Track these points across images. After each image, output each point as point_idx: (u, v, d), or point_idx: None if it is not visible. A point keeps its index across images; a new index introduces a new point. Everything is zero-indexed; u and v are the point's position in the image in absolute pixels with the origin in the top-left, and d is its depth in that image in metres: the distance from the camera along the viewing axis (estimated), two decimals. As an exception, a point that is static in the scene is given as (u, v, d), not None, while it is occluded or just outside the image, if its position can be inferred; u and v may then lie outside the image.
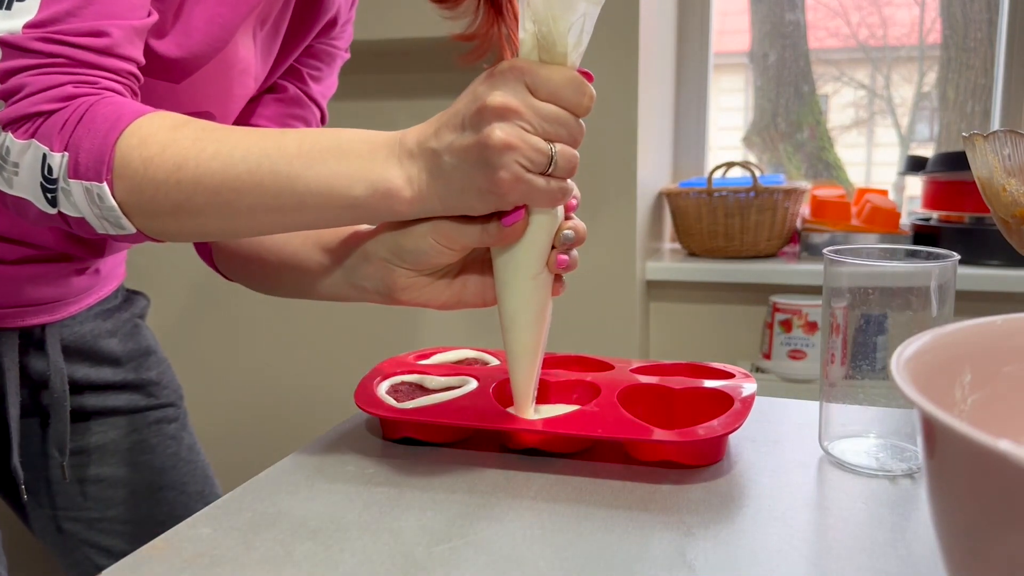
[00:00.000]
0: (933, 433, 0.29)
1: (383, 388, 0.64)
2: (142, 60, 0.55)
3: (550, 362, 0.70)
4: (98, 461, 0.82)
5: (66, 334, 0.77)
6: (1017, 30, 1.60)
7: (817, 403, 0.60)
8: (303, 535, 0.48)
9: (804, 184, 1.59)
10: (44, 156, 0.50)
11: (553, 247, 0.55)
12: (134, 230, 0.52)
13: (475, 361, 0.72)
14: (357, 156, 0.51)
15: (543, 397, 0.65)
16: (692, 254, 1.60)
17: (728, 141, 1.88)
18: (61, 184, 0.50)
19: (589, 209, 1.42)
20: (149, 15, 0.56)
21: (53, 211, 0.51)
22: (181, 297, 1.69)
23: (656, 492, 0.53)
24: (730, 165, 1.57)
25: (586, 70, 0.51)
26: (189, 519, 0.50)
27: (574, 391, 0.64)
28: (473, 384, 0.63)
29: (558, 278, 0.57)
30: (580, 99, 0.50)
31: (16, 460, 0.74)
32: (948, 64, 1.73)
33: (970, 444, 0.26)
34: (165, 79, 0.61)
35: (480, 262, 0.58)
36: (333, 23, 0.79)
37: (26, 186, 0.51)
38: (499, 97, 0.48)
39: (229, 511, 0.51)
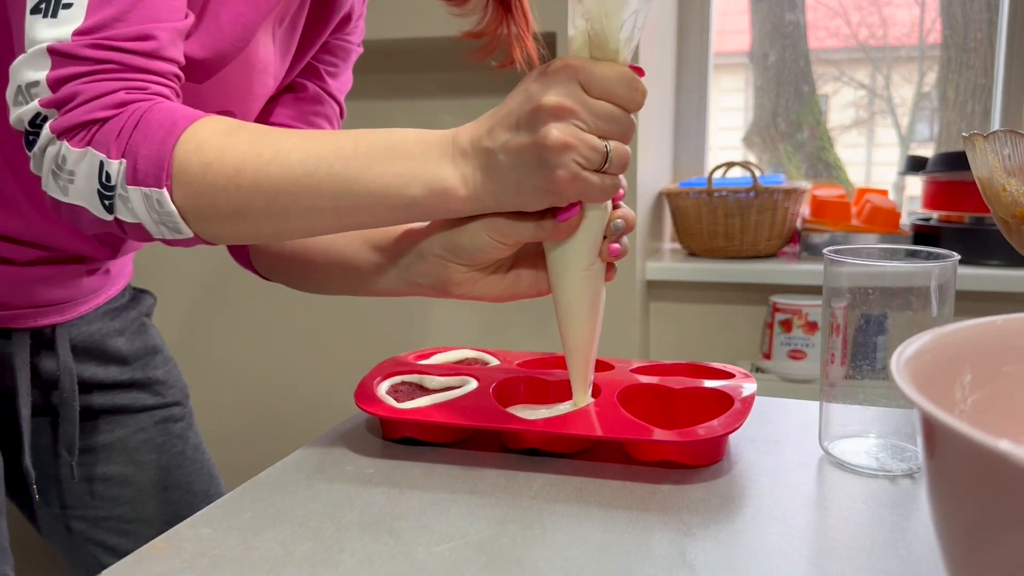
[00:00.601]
0: (933, 433, 0.29)
1: (383, 388, 0.64)
2: (183, 61, 0.56)
3: (550, 362, 0.70)
4: (105, 460, 0.82)
5: (75, 333, 0.77)
6: (1017, 30, 1.60)
7: (817, 403, 0.60)
8: (303, 535, 0.48)
9: (804, 184, 1.59)
10: (101, 163, 0.50)
11: (604, 237, 0.56)
12: (191, 234, 0.53)
13: (475, 361, 0.72)
14: (412, 156, 0.52)
15: (543, 397, 0.65)
16: (692, 254, 1.60)
17: (728, 141, 1.88)
18: (119, 191, 0.50)
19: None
20: (187, 16, 0.56)
21: (110, 218, 0.52)
22: (184, 297, 1.69)
23: (656, 492, 0.53)
24: (730, 165, 1.57)
25: (637, 66, 0.51)
26: (189, 519, 0.50)
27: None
28: (473, 384, 0.63)
29: (610, 266, 0.59)
30: (633, 95, 0.50)
31: (28, 459, 0.74)
32: (948, 64, 1.73)
33: (970, 444, 0.26)
34: (189, 79, 0.62)
35: (532, 255, 0.59)
36: (348, 19, 0.80)
37: (82, 193, 0.51)
38: (554, 96, 0.49)
39: (229, 511, 0.51)
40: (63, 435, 0.77)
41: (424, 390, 0.65)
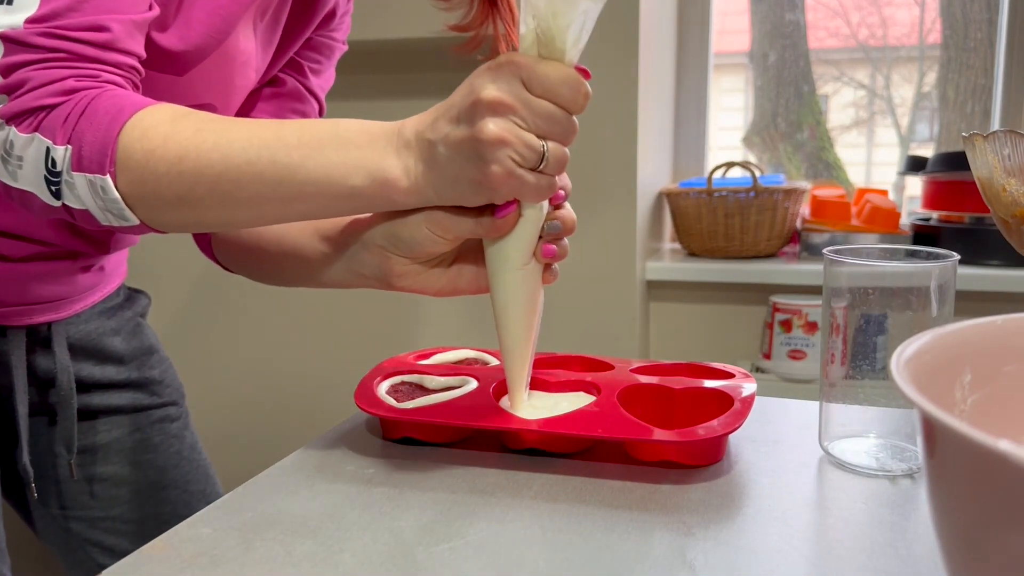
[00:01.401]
0: (933, 433, 0.29)
1: (383, 388, 0.64)
2: (143, 54, 0.56)
3: (550, 362, 0.70)
4: (103, 460, 0.82)
5: (72, 332, 0.77)
6: (1017, 30, 1.60)
7: (817, 403, 0.60)
8: (303, 535, 0.48)
9: (804, 184, 1.59)
10: (48, 149, 0.50)
11: (540, 237, 0.56)
12: (137, 221, 0.53)
13: (475, 361, 0.72)
14: (356, 146, 0.52)
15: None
16: (692, 254, 1.60)
17: (728, 141, 1.88)
18: (65, 177, 0.51)
19: (589, 209, 1.42)
20: (151, 8, 0.56)
21: (57, 203, 0.52)
22: (180, 297, 1.69)
23: (656, 492, 0.53)
24: (730, 165, 1.57)
25: (583, 67, 0.51)
26: (189, 519, 0.50)
27: (574, 391, 0.64)
28: (473, 384, 0.63)
29: (548, 267, 0.58)
30: (576, 97, 0.50)
31: (26, 458, 0.74)
32: (948, 64, 1.73)
33: (970, 444, 0.26)
34: (168, 72, 0.62)
35: (474, 252, 0.59)
36: (332, 15, 0.79)
37: (30, 179, 0.51)
38: (493, 91, 0.48)
39: (229, 511, 0.51)
40: (61, 434, 0.77)
41: (424, 390, 0.65)
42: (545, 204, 0.55)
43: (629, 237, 1.46)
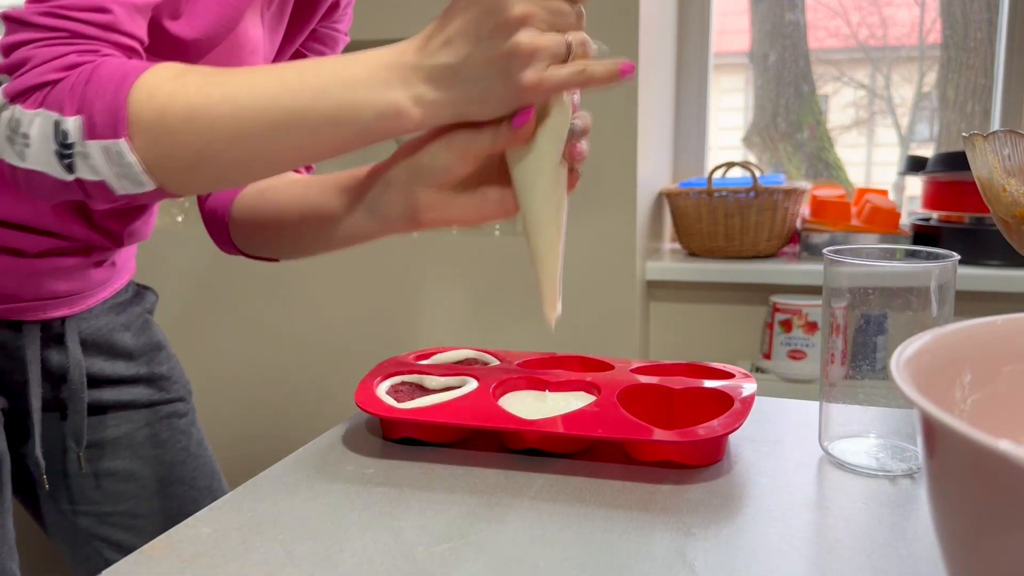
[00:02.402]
0: (933, 433, 0.29)
1: (383, 388, 0.64)
2: (145, 38, 0.56)
3: (550, 362, 0.70)
4: (111, 455, 0.83)
5: (83, 327, 0.78)
6: (1017, 30, 1.60)
7: (817, 403, 0.60)
8: (303, 535, 0.48)
9: (804, 184, 1.59)
10: (57, 123, 0.50)
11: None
12: (154, 186, 0.53)
13: (475, 361, 0.72)
14: (360, 82, 0.53)
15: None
16: (692, 254, 1.60)
17: (728, 141, 1.88)
18: (77, 148, 0.50)
19: (589, 209, 1.42)
20: None
21: (71, 178, 0.52)
22: (182, 297, 1.69)
23: (656, 492, 0.53)
24: (730, 165, 1.57)
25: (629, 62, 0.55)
26: (189, 519, 0.50)
27: (574, 391, 0.64)
28: (473, 384, 0.63)
29: (571, 172, 0.60)
30: None
31: (38, 451, 0.75)
32: (948, 64, 1.73)
33: (970, 444, 0.26)
34: (180, 60, 0.62)
35: (496, 173, 0.60)
36: (335, 6, 0.80)
37: (39, 157, 0.51)
38: (519, 7, 0.51)
39: (229, 511, 0.51)
40: (71, 427, 0.77)
41: (424, 390, 0.65)
42: (569, 106, 0.57)
43: (629, 237, 1.46)
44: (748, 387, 0.61)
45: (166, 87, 0.51)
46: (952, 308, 0.55)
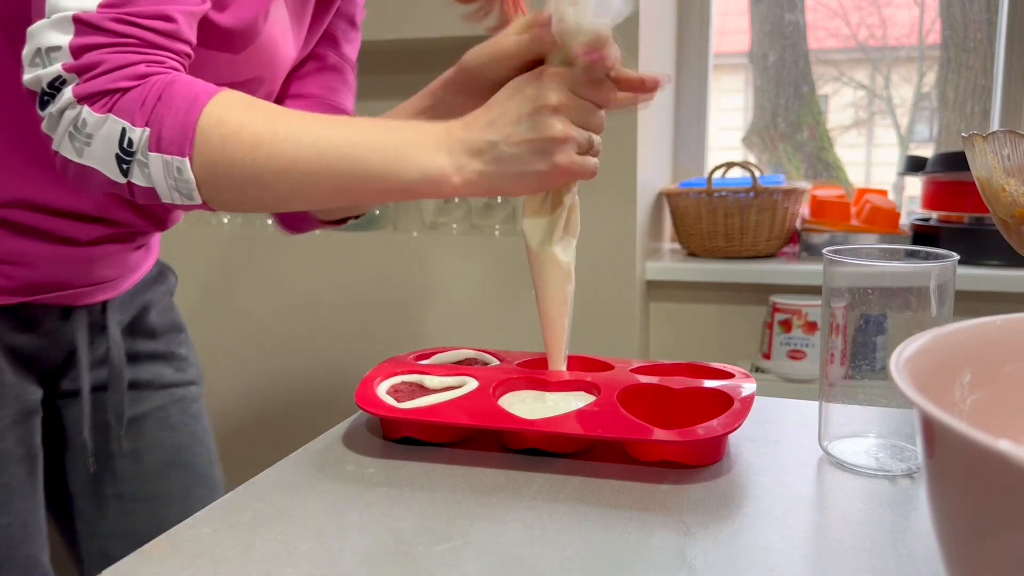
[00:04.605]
0: (933, 433, 0.29)
1: (383, 388, 0.64)
2: (195, 42, 0.60)
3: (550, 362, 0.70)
4: (128, 435, 0.84)
5: (120, 308, 0.81)
6: (1017, 30, 1.60)
7: (817, 403, 0.60)
8: (303, 535, 0.48)
9: (804, 184, 1.59)
10: (124, 130, 0.54)
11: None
12: (200, 201, 0.57)
13: (475, 361, 0.72)
14: (413, 145, 0.58)
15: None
16: (692, 254, 1.60)
17: (728, 141, 1.88)
18: (139, 156, 0.54)
19: (589, 209, 1.42)
20: (204, 1, 0.59)
21: (123, 181, 0.55)
22: (181, 297, 1.69)
23: (656, 492, 0.53)
24: (730, 165, 1.57)
25: (657, 76, 0.63)
26: (189, 519, 0.50)
27: (574, 391, 0.64)
28: (473, 384, 0.63)
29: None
30: (608, 95, 0.61)
31: (86, 431, 0.78)
32: (948, 64, 1.73)
33: (970, 444, 0.26)
34: (227, 51, 0.66)
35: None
36: None
37: (97, 156, 0.54)
38: (556, 97, 0.58)
39: (229, 511, 0.51)
40: (112, 406, 0.80)
41: (424, 390, 0.65)
42: (576, 196, 0.66)
43: (629, 237, 1.46)
44: (748, 387, 0.61)
45: (236, 115, 0.56)
46: (952, 308, 0.55)
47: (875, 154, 1.87)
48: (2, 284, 0.69)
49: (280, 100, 0.80)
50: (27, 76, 0.54)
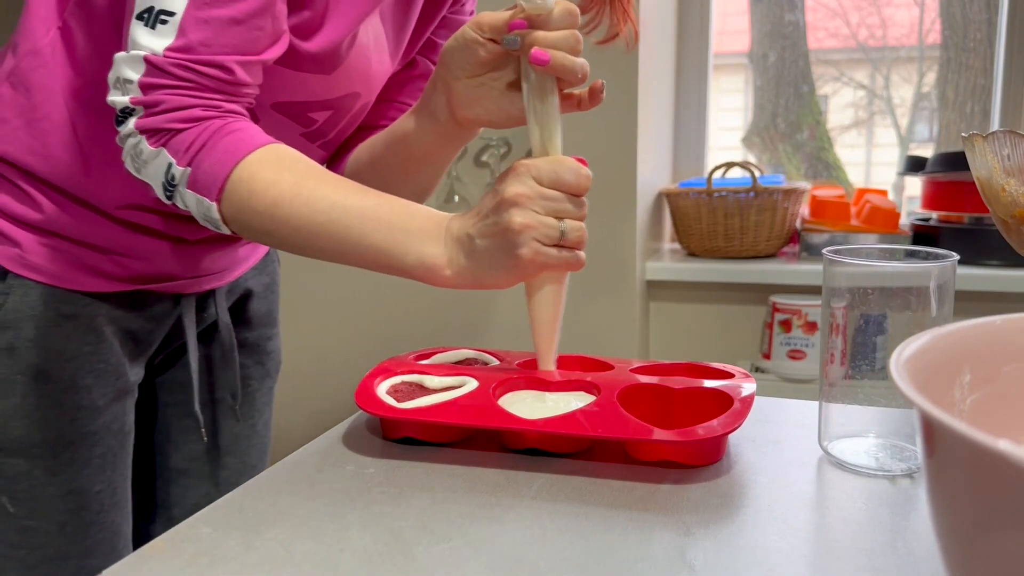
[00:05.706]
0: (933, 433, 0.29)
1: (383, 388, 0.64)
2: (260, 80, 0.64)
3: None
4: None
5: (227, 295, 0.85)
6: (1017, 30, 1.60)
7: (817, 403, 0.60)
8: (303, 535, 0.48)
9: (804, 184, 1.59)
10: (170, 165, 0.60)
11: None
12: (229, 232, 0.63)
13: (475, 361, 0.72)
14: (416, 231, 0.61)
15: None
16: (692, 254, 1.61)
17: (728, 141, 1.88)
18: (179, 189, 0.61)
19: (589, 210, 1.42)
20: (275, 43, 0.63)
21: (168, 202, 0.63)
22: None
23: (656, 492, 0.53)
24: (730, 165, 1.57)
25: (581, 157, 0.62)
26: (189, 519, 0.50)
27: (574, 391, 0.64)
28: (473, 384, 0.63)
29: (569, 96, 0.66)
30: (578, 180, 0.61)
31: (197, 407, 0.83)
32: (948, 64, 1.73)
33: (970, 444, 0.26)
34: (319, 72, 0.70)
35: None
36: None
37: (149, 177, 0.62)
38: (512, 188, 0.59)
39: (229, 511, 0.51)
40: (226, 383, 0.87)
41: (424, 390, 0.65)
42: (567, 280, 0.64)
43: (629, 237, 1.46)
44: (748, 387, 0.61)
45: (267, 174, 0.60)
46: (952, 308, 0.55)
47: (875, 154, 1.87)
48: (117, 272, 0.74)
49: (376, 104, 0.82)
50: (110, 97, 0.61)
